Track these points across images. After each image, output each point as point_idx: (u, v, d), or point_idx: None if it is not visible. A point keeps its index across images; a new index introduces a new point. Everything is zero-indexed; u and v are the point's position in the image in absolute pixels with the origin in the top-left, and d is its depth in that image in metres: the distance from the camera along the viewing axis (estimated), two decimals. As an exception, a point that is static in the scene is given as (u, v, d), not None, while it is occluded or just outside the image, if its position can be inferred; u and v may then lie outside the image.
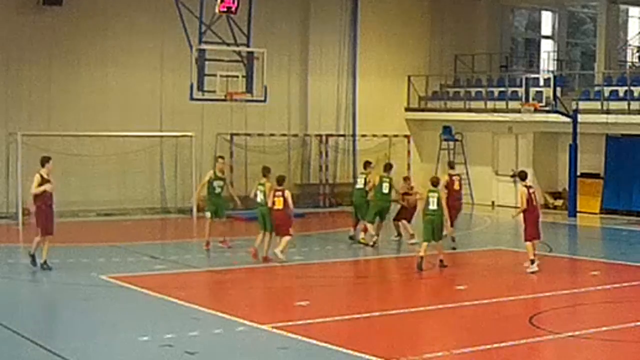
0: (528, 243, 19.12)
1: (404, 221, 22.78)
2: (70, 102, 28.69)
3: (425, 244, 19.23)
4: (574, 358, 12.87)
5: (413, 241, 22.03)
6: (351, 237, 22.83)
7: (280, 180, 19.77)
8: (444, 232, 19.97)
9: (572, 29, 42.66)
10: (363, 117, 33.57)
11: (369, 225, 22.20)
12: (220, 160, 22.45)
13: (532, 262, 18.95)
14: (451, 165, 24.48)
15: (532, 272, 18.79)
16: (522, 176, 19.66)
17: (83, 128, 28.16)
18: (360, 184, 23.05)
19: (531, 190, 19.24)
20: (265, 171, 20.49)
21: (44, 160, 18.54)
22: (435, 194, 19.40)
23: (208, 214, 21.59)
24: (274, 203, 19.43)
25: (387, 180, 22.41)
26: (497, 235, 24.67)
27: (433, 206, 19.28)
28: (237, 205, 22.10)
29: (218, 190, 21.60)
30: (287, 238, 19.53)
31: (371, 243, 22.09)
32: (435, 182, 19.76)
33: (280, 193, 19.43)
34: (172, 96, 29.46)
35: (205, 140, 30.09)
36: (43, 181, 18.34)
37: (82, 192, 28.22)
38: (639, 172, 29.59)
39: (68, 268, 19.06)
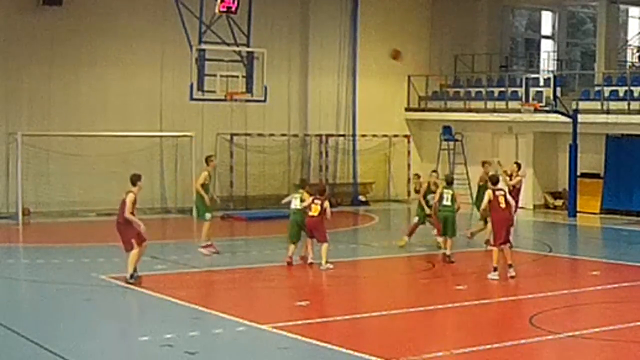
0: (494, 248, 18.34)
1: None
2: (70, 102, 28.68)
3: (443, 239, 20.63)
4: (574, 358, 12.87)
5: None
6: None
7: (321, 191, 20.04)
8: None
9: (572, 29, 42.65)
10: (363, 117, 33.58)
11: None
12: (212, 158, 21.47)
13: (495, 269, 18.10)
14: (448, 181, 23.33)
15: (493, 279, 18.02)
16: (493, 180, 18.84)
17: (83, 128, 28.17)
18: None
19: (498, 193, 18.28)
20: (304, 183, 20.90)
21: (136, 179, 17.64)
22: (450, 191, 20.44)
23: (209, 215, 20.68)
24: (310, 209, 19.56)
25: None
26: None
27: (447, 202, 20.36)
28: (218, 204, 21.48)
29: (210, 190, 20.98)
30: (325, 245, 19.55)
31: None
32: (450, 180, 20.91)
33: (319, 201, 19.54)
34: (172, 96, 29.46)
35: (205, 140, 30.07)
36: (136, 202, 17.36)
37: (82, 192, 28.22)
38: (639, 172, 29.59)
39: (68, 268, 19.08)
